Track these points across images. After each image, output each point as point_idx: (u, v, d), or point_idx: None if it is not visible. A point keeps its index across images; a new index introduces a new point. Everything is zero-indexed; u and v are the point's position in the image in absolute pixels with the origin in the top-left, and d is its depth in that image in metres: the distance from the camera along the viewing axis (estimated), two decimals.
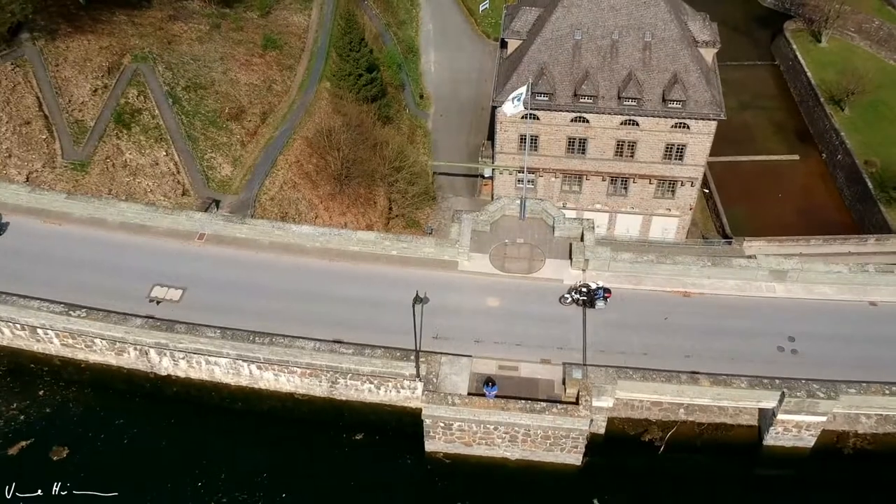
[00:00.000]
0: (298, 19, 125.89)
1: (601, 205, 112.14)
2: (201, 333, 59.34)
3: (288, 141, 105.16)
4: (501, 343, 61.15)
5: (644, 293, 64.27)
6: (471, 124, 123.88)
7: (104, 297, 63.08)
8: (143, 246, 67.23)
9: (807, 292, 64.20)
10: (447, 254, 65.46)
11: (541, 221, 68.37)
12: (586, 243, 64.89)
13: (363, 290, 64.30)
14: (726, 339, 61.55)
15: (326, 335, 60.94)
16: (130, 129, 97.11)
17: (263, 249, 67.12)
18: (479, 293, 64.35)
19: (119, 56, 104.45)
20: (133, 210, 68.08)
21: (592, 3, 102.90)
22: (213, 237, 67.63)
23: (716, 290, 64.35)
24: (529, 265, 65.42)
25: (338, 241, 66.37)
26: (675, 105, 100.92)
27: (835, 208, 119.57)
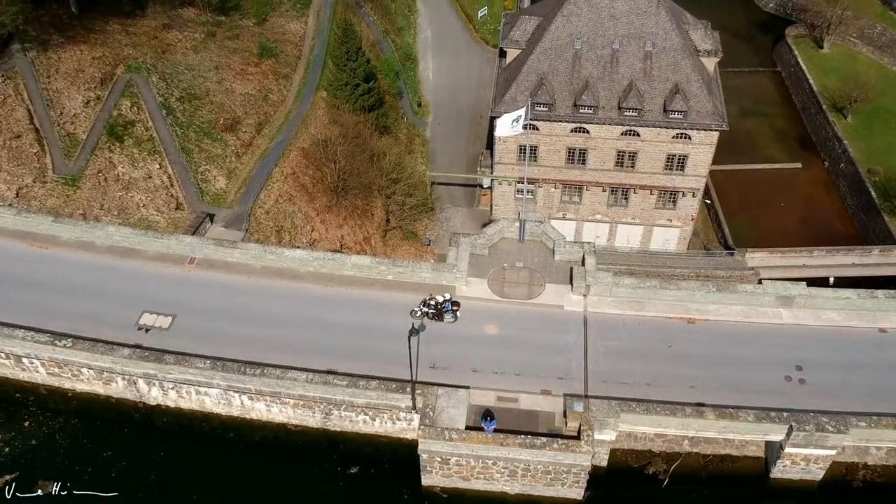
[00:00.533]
0: (295, 27, 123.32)
1: (601, 215, 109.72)
2: (191, 364, 56.98)
3: (284, 152, 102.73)
4: (500, 373, 58.83)
5: (647, 320, 61.87)
6: (469, 132, 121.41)
7: (91, 324, 60.75)
8: (132, 270, 64.85)
9: (814, 318, 61.85)
10: (444, 279, 63.11)
11: (541, 244, 66.02)
12: (587, 268, 62.50)
13: (358, 317, 61.94)
14: (732, 368, 59.18)
15: (320, 364, 58.62)
16: (123, 142, 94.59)
17: (255, 274, 64.77)
18: (478, 320, 62.01)
19: (112, 66, 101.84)
20: (122, 234, 65.68)
21: (592, 11, 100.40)
22: (204, 261, 65.27)
23: (721, 317, 61.95)
24: (529, 290, 63.03)
25: (332, 266, 63.99)
26: (676, 115, 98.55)
27: (838, 218, 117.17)
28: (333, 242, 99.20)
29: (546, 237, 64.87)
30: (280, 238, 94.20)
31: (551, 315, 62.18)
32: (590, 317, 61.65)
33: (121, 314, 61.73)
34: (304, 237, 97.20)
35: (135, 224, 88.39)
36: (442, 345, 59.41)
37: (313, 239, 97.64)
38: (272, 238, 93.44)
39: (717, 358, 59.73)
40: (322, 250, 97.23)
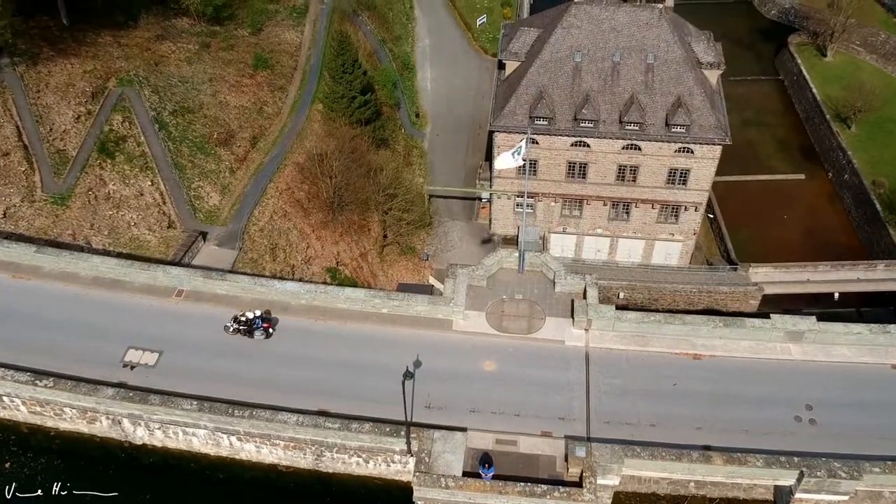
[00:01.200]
0: (291, 36, 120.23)
1: (602, 229, 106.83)
2: (177, 405, 54.10)
3: (279, 167, 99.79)
4: (499, 413, 55.94)
5: (651, 356, 58.94)
6: (468, 144, 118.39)
7: (75, 360, 57.96)
8: (118, 303, 61.95)
9: (824, 354, 58.93)
10: (441, 312, 60.19)
11: (541, 275, 63.10)
12: (589, 301, 59.47)
13: (351, 353, 59.03)
14: (740, 407, 56.29)
15: (311, 404, 55.80)
16: (114, 158, 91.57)
17: (245, 307, 61.67)
18: (475, 356, 59.10)
19: (104, 80, 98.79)
20: (107, 264, 62.78)
21: (593, 24, 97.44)
22: (192, 293, 62.41)
23: (728, 352, 59.02)
24: (529, 324, 60.11)
25: (324, 299, 61.08)
26: (678, 130, 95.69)
27: (842, 230, 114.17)
28: (329, 259, 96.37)
29: (546, 267, 61.91)
30: (275, 256, 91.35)
31: (552, 350, 59.27)
32: (592, 352, 58.73)
33: (105, 350, 58.84)
34: (300, 254, 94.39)
35: (126, 244, 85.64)
36: (438, 382, 56.60)
37: (308, 256, 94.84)
38: (266, 256, 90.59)
39: (724, 396, 56.83)
40: (318, 267, 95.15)
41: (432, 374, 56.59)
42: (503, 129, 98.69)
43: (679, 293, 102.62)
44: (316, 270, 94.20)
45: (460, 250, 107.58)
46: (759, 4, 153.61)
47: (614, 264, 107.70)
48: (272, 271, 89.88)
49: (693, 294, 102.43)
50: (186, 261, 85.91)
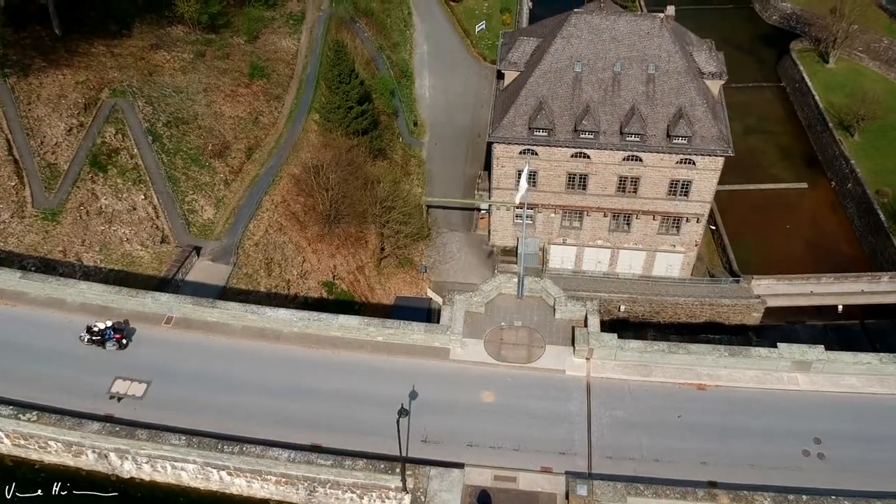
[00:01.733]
0: (287, 44, 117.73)
1: (602, 241, 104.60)
2: (164, 440, 51.82)
3: (274, 179, 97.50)
4: (497, 448, 53.60)
5: (654, 386, 56.62)
6: (467, 153, 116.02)
7: (61, 392, 55.66)
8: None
9: (833, 384, 56.59)
10: (438, 340, 57.88)
11: (540, 301, 60.76)
12: (590, 329, 57.12)
13: (345, 383, 56.68)
14: (746, 440, 53.97)
15: (303, 438, 53.48)
16: (107, 172, 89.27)
17: (236, 335, 59.50)
18: (473, 386, 56.76)
19: (97, 91, 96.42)
20: (94, 291, 60.40)
21: (593, 33, 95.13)
22: (182, 321, 60.02)
23: (733, 382, 56.72)
24: (528, 352, 57.79)
25: (317, 327, 58.73)
26: (680, 141, 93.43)
27: (845, 241, 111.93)
28: (325, 273, 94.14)
29: (546, 293, 59.58)
30: (270, 271, 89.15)
31: (552, 380, 56.94)
32: (593, 382, 56.40)
33: (92, 381, 56.53)
34: (295, 269, 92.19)
35: (118, 260, 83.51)
36: (435, 414, 54.23)
37: (304, 270, 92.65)
38: (261, 271, 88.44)
39: (730, 429, 54.50)
40: (314, 281, 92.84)
41: (429, 406, 54.26)
42: (502, 141, 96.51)
43: (680, 306, 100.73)
44: (312, 285, 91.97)
45: (459, 262, 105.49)
46: (761, 10, 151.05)
47: (615, 276, 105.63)
48: (267, 287, 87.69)
49: (695, 307, 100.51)
50: (180, 277, 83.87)
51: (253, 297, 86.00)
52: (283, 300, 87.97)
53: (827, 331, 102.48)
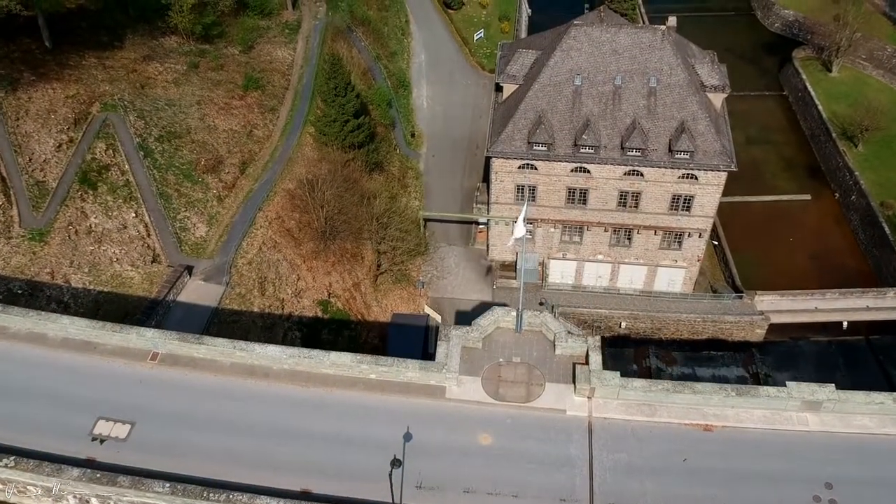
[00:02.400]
0: (283, 54, 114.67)
1: (603, 256, 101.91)
2: (147, 487, 48.97)
3: (269, 194, 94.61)
4: (495, 494, 50.73)
5: (659, 427, 53.76)
6: (465, 165, 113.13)
7: (40, 434, 52.79)
8: (88, 368, 56.61)
9: (845, 425, 53.68)
10: (433, 378, 54.97)
11: (540, 335, 57.86)
12: (592, 366, 54.24)
13: (337, 424, 53.80)
14: (754, 485, 51.13)
15: (293, 483, 50.64)
16: (97, 189, 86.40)
17: (224, 372, 56.56)
18: (470, 427, 53.86)
19: (87, 105, 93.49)
20: (77, 325, 57.47)
21: (593, 46, 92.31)
22: (168, 357, 57.08)
23: (741, 423, 53.85)
24: (527, 391, 54.95)
25: (308, 364, 55.85)
26: (682, 156, 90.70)
27: (850, 254, 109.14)
28: (321, 291, 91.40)
29: (546, 328, 56.67)
30: (263, 290, 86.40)
31: (552, 421, 54.04)
32: (595, 423, 53.56)
33: (74, 421, 53.61)
34: (290, 287, 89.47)
35: (107, 281, 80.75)
36: (430, 458, 51.31)
37: (299, 289, 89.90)
38: (255, 291, 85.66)
39: (738, 473, 51.63)
40: (309, 300, 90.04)
41: (424, 450, 51.43)
42: (500, 156, 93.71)
43: (683, 323, 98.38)
44: (307, 304, 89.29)
45: (457, 277, 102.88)
46: (762, 17, 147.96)
47: (616, 291, 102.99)
48: (261, 307, 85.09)
49: (697, 323, 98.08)
50: (171, 298, 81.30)
51: (246, 318, 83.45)
52: (277, 320, 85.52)
53: (831, 347, 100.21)
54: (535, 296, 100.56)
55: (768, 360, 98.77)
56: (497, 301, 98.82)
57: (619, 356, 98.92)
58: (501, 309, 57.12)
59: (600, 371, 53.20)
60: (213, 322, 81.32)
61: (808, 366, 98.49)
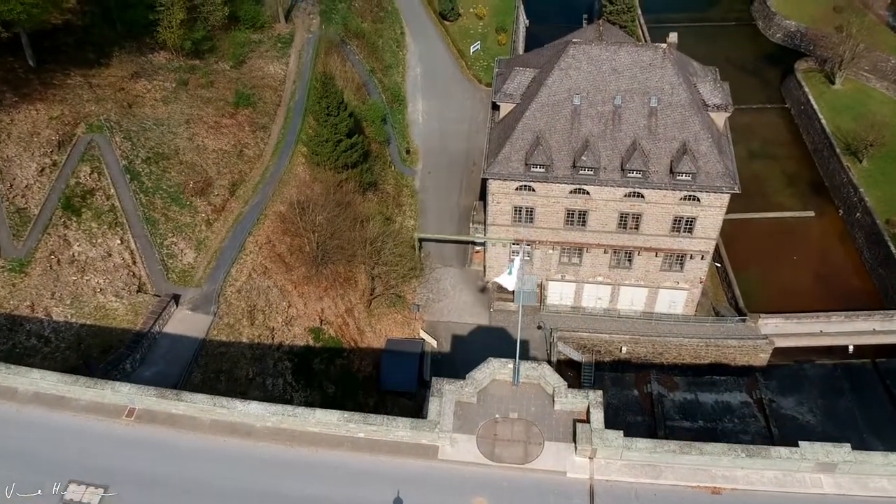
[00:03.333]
0: (275, 69, 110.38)
1: (603, 277, 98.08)
2: None
3: (259, 217, 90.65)
4: None
5: (664, 490, 49.82)
6: (461, 182, 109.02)
7: (4, 500, 48.45)
8: (60, 426, 52.63)
9: (861, 488, 49.79)
10: (425, 437, 50.94)
11: (538, 388, 53.88)
12: (594, 425, 50.23)
13: (322, 488, 49.86)
14: None
15: None
16: (80, 216, 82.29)
17: (204, 430, 52.54)
18: (464, 492, 49.85)
19: (72, 126, 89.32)
20: (49, 380, 53.46)
21: (592, 64, 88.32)
22: (145, 413, 53.09)
23: (751, 485, 49.93)
24: (525, 451, 50.92)
25: (292, 422, 51.84)
26: (684, 177, 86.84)
27: (855, 273, 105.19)
28: (312, 318, 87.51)
29: (544, 381, 52.66)
30: (253, 319, 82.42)
31: (551, 484, 50.02)
32: (597, 486, 49.60)
33: (43, 485, 49.51)
34: (280, 315, 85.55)
35: (90, 314, 76.73)
36: None
37: (290, 316, 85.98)
38: (244, 321, 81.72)
39: None
40: (300, 328, 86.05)
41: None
42: (497, 177, 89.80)
43: (685, 347, 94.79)
44: (298, 332, 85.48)
45: (453, 300, 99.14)
46: (764, 27, 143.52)
47: (616, 312, 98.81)
48: (250, 337, 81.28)
49: (700, 348, 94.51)
50: (157, 329, 77.53)
51: (234, 350, 79.75)
52: (266, 350, 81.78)
53: (837, 370, 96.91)
54: (534, 319, 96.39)
55: (772, 384, 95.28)
56: (494, 325, 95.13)
57: (619, 381, 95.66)
58: (497, 361, 53.10)
59: (602, 430, 49.30)
60: (201, 354, 77.63)
61: (813, 390, 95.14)
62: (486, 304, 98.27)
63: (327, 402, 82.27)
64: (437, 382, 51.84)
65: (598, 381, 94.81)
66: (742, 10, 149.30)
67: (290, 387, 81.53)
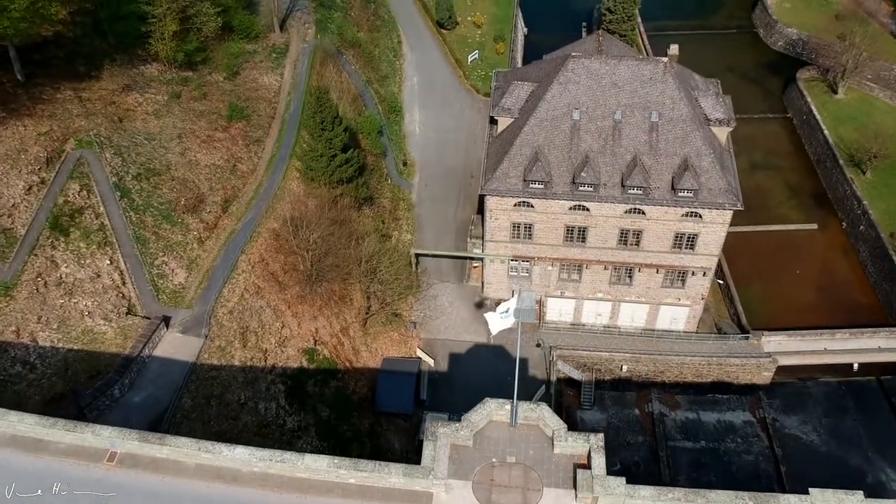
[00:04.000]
0: (269, 80, 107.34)
1: (603, 294, 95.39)
2: None
3: (252, 235, 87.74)
4: None
5: None
6: (459, 195, 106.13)
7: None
8: (39, 471, 49.69)
9: None
10: (419, 484, 48.08)
11: (537, 430, 51.03)
12: (595, 471, 47.34)
13: None
14: None
15: None
16: (69, 235, 79.43)
17: (188, 475, 49.70)
18: None
19: (61, 142, 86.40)
20: (27, 423, 50.60)
21: (592, 79, 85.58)
22: (127, 457, 50.26)
23: None
24: (524, 497, 48.08)
25: (280, 468, 49.00)
26: (685, 194, 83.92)
27: (859, 288, 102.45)
28: (306, 339, 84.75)
29: (544, 423, 49.76)
30: (245, 341, 79.68)
31: None
32: None
33: None
34: (273, 336, 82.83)
35: (77, 338, 74.04)
36: None
37: (283, 337, 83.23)
38: (236, 343, 79.03)
39: None
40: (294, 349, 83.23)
41: None
42: (495, 193, 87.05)
43: (686, 365, 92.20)
44: (291, 353, 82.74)
45: (451, 317, 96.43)
46: (765, 35, 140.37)
47: (616, 329, 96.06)
48: (242, 360, 78.56)
49: (702, 366, 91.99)
50: (146, 353, 74.99)
51: (226, 373, 77.09)
52: (259, 373, 79.13)
53: (841, 388, 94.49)
54: (533, 336, 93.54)
55: (776, 403, 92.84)
56: (493, 343, 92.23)
57: (620, 400, 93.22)
58: (494, 402, 50.23)
59: (604, 477, 46.39)
60: (191, 379, 75.18)
61: (817, 409, 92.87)
62: (484, 321, 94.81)
63: (321, 425, 79.74)
64: (431, 425, 49.02)
65: (598, 399, 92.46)
66: (743, 17, 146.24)
67: (284, 410, 78.72)
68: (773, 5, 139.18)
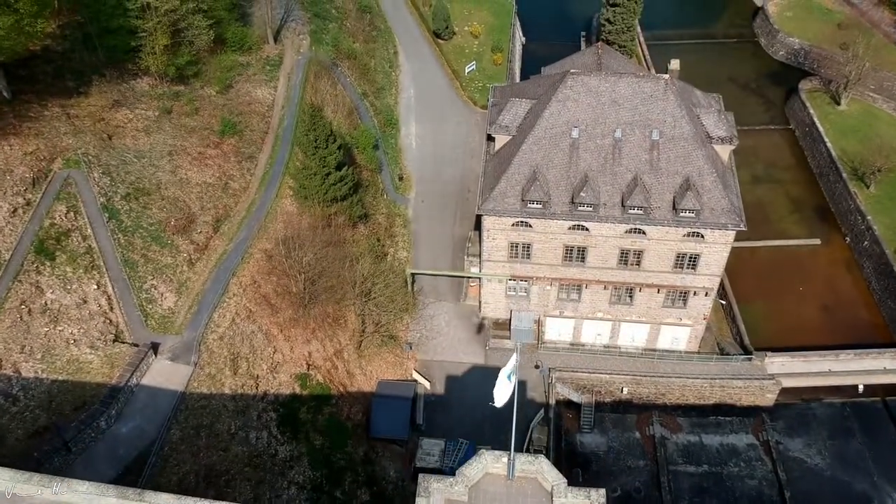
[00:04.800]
0: (263, 93, 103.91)
1: (603, 313, 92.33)
2: None
3: (244, 256, 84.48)
4: None
5: None
6: (456, 211, 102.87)
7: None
8: None
9: None
10: None
11: (535, 484, 47.83)
12: None
13: None
14: None
15: None
16: (55, 260, 76.16)
17: None
18: None
19: (48, 162, 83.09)
20: (3, 478, 47.24)
21: (591, 96, 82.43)
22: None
23: None
24: None
25: None
26: (687, 214, 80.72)
27: (863, 305, 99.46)
28: (299, 363, 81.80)
29: (542, 476, 46.46)
30: (236, 368, 76.56)
31: None
32: None
33: None
34: (265, 362, 79.71)
35: (62, 368, 70.89)
36: None
37: (275, 363, 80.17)
38: (226, 370, 75.98)
39: None
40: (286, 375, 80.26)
41: None
42: (493, 213, 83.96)
43: (688, 386, 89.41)
44: (284, 379, 79.77)
45: (447, 337, 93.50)
46: (767, 45, 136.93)
47: (616, 349, 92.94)
48: (233, 388, 75.44)
49: (704, 388, 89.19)
50: (133, 382, 72.12)
51: (216, 402, 74.09)
52: (250, 401, 76.29)
53: (846, 409, 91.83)
54: (531, 357, 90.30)
55: (779, 425, 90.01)
56: (490, 364, 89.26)
57: (620, 423, 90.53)
58: (491, 454, 47.02)
59: None
60: (180, 409, 72.19)
61: (821, 431, 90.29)
62: (481, 342, 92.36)
63: (314, 454, 76.86)
64: (423, 480, 45.80)
65: (599, 422, 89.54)
66: (744, 26, 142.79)
67: (276, 440, 75.74)
68: (774, 14, 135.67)
